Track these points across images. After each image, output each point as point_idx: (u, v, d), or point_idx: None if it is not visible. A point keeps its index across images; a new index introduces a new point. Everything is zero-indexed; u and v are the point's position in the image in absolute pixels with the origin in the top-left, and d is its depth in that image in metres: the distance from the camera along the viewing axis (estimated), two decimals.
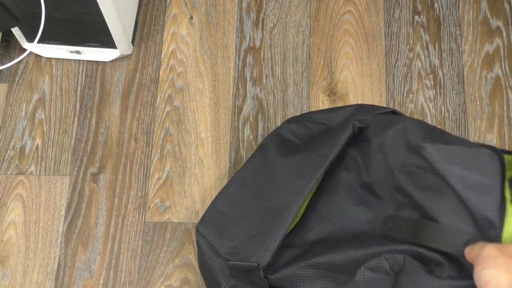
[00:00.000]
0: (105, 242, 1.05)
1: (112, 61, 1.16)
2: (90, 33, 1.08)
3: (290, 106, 1.13)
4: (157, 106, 1.14)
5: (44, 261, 1.04)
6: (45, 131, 1.12)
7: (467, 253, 0.55)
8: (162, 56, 1.17)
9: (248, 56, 1.17)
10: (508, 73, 1.14)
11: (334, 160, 0.77)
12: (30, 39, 1.11)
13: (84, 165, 1.10)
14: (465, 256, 0.56)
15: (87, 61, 1.17)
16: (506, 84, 1.14)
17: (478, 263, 0.51)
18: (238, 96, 1.14)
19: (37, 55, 1.16)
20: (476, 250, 0.54)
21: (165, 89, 1.15)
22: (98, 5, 0.98)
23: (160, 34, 1.19)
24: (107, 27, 1.05)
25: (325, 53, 1.17)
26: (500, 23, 1.18)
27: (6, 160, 1.10)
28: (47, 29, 1.06)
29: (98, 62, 1.16)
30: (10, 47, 1.18)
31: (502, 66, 1.15)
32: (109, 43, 1.11)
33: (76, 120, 1.13)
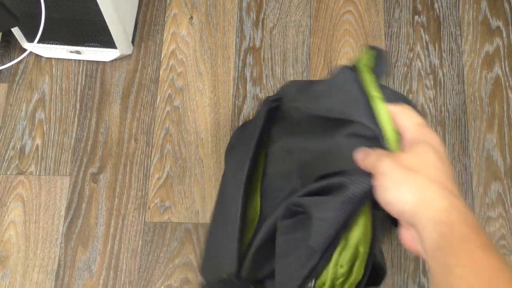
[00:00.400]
0: (105, 242, 1.05)
1: (112, 61, 1.16)
2: (90, 33, 1.08)
3: None
4: (157, 106, 1.14)
5: (44, 261, 1.04)
6: (45, 131, 1.12)
7: (361, 159, 0.52)
8: (162, 56, 1.17)
9: (248, 56, 1.17)
10: (508, 73, 1.14)
11: (259, 142, 0.79)
12: (30, 39, 1.11)
13: (84, 165, 1.10)
14: (358, 163, 0.52)
15: (87, 61, 1.17)
16: (506, 84, 1.14)
17: (377, 179, 0.48)
18: (238, 96, 1.14)
19: (37, 55, 1.16)
20: (371, 160, 0.50)
21: (165, 89, 1.15)
22: (98, 5, 0.98)
23: (160, 34, 1.19)
24: (107, 27, 1.05)
25: (325, 53, 1.17)
26: (500, 23, 1.18)
27: (6, 160, 1.10)
28: (47, 29, 1.06)
29: (98, 62, 1.16)
30: (10, 47, 1.18)
31: (502, 66, 1.15)
32: (109, 43, 1.10)
33: (76, 120, 1.13)
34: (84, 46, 1.12)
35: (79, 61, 1.17)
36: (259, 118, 0.81)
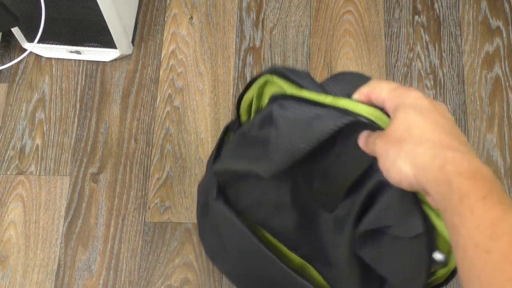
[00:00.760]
0: (105, 242, 1.05)
1: (112, 61, 1.16)
2: (90, 33, 1.08)
3: None
4: (157, 106, 1.14)
5: (44, 261, 1.04)
6: (45, 131, 1.12)
7: (363, 145, 0.52)
8: (162, 56, 1.17)
9: (248, 56, 1.17)
10: (508, 73, 1.14)
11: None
12: (30, 39, 1.11)
13: (84, 165, 1.10)
14: (362, 149, 0.52)
15: (87, 61, 1.17)
16: (506, 84, 1.14)
17: (380, 163, 0.48)
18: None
19: (37, 55, 1.16)
20: (370, 145, 0.51)
21: (165, 89, 1.15)
22: (98, 5, 0.98)
23: (160, 34, 1.19)
24: (107, 27, 1.05)
25: (325, 53, 1.17)
26: (500, 23, 1.18)
27: (6, 160, 1.10)
28: (47, 29, 1.06)
29: (98, 62, 1.16)
30: (10, 47, 1.18)
31: (502, 66, 1.15)
32: (109, 43, 1.10)
33: (76, 120, 1.13)
34: (84, 46, 1.12)
35: (79, 61, 1.17)
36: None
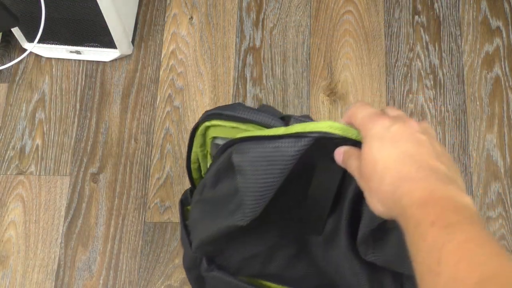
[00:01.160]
0: (105, 242, 1.05)
1: (112, 61, 1.16)
2: (90, 33, 1.08)
3: (290, 106, 1.13)
4: (157, 106, 1.14)
5: (44, 261, 1.04)
6: (45, 131, 1.12)
7: (342, 163, 0.50)
8: (162, 56, 1.17)
9: (248, 56, 1.17)
10: (508, 73, 1.14)
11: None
12: (30, 39, 1.11)
13: (84, 165, 1.10)
14: (341, 165, 0.51)
15: (87, 61, 1.17)
16: (506, 84, 1.14)
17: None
18: (238, 96, 1.14)
19: (37, 55, 1.16)
20: (346, 162, 0.50)
21: (165, 89, 1.15)
22: (98, 5, 0.98)
23: (160, 34, 1.19)
24: (107, 27, 1.05)
25: (325, 53, 1.17)
26: (500, 23, 1.18)
27: (6, 160, 1.10)
28: (47, 29, 1.06)
29: (98, 62, 1.16)
30: (10, 47, 1.18)
31: (502, 66, 1.15)
32: (109, 43, 1.10)
33: (76, 120, 1.13)
34: (84, 46, 1.12)
35: (79, 61, 1.17)
36: None
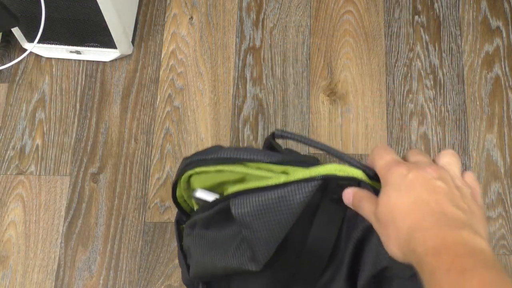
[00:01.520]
0: (105, 242, 1.05)
1: (112, 61, 1.16)
2: (90, 33, 1.08)
3: (290, 106, 1.13)
4: (157, 106, 1.14)
5: (44, 261, 1.04)
6: (45, 131, 1.12)
7: (351, 204, 0.52)
8: (162, 56, 1.17)
9: (248, 56, 1.17)
10: (508, 73, 1.14)
11: None
12: (30, 39, 1.11)
13: (84, 165, 1.10)
14: (349, 206, 0.53)
15: (87, 61, 1.17)
16: (506, 84, 1.14)
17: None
18: (238, 96, 1.14)
19: (37, 55, 1.16)
20: (355, 203, 0.52)
21: (165, 89, 1.15)
22: (98, 5, 0.98)
23: (160, 34, 1.19)
24: (107, 27, 1.05)
25: (325, 53, 1.17)
26: (500, 23, 1.18)
27: (6, 160, 1.10)
28: (47, 29, 1.06)
29: (98, 62, 1.16)
30: (10, 47, 1.18)
31: (502, 66, 1.15)
32: (109, 43, 1.10)
33: (76, 120, 1.13)
34: (84, 46, 1.12)
35: (79, 61, 1.17)
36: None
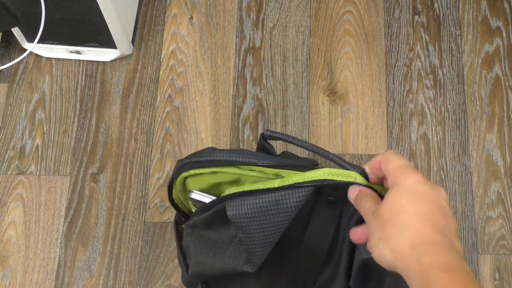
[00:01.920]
0: (105, 242, 1.05)
1: (112, 61, 1.16)
2: (90, 33, 1.08)
3: (290, 106, 1.13)
4: (157, 106, 1.14)
5: (44, 261, 1.04)
6: (45, 131, 1.12)
7: (354, 199, 0.54)
8: (162, 56, 1.17)
9: (248, 56, 1.17)
10: (508, 73, 1.14)
11: None
12: (30, 39, 1.11)
13: (84, 165, 1.10)
14: (351, 201, 0.54)
15: (87, 61, 1.17)
16: (506, 84, 1.14)
17: (368, 236, 0.51)
18: (238, 96, 1.14)
19: (37, 55, 1.16)
20: (357, 200, 0.53)
21: (165, 89, 1.15)
22: (98, 5, 0.98)
23: (160, 34, 1.19)
24: (107, 27, 1.05)
25: (325, 53, 1.17)
26: (500, 23, 1.18)
27: (6, 160, 1.10)
28: (47, 29, 1.06)
29: (98, 62, 1.16)
30: (10, 47, 1.18)
31: (502, 66, 1.15)
32: (109, 43, 1.11)
33: (76, 120, 1.13)
34: (84, 46, 1.12)
35: (79, 61, 1.17)
36: None
